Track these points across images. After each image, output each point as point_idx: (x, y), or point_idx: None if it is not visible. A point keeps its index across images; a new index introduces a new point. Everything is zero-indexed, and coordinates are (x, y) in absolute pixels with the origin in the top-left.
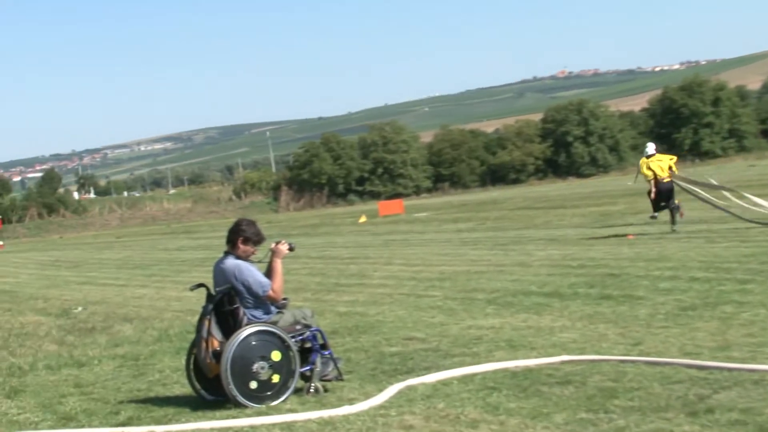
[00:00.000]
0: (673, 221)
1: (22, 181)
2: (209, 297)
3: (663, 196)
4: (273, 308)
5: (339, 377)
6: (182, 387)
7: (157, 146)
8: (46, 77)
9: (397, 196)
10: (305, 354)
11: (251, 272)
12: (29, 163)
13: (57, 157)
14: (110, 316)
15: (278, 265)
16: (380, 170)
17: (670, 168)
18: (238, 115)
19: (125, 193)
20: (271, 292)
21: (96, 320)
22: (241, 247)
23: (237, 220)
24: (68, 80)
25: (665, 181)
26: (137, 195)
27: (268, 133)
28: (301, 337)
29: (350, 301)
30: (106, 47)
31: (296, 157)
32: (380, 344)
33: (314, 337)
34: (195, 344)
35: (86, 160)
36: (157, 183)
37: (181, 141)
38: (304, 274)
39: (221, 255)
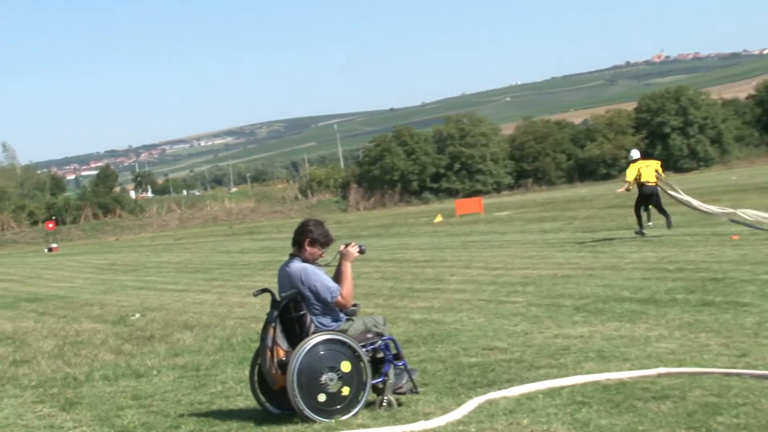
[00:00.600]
0: (667, 219)
1: (76, 180)
2: (274, 303)
3: (645, 199)
4: (342, 315)
5: (414, 390)
6: (246, 400)
7: (218, 141)
8: (101, 70)
9: (475, 193)
10: (377, 365)
11: (319, 276)
12: (84, 160)
13: (112, 153)
14: (169, 323)
15: (348, 268)
16: (457, 166)
17: (656, 171)
18: (304, 107)
19: (184, 192)
20: (339, 298)
21: (154, 328)
22: (308, 249)
23: (304, 221)
24: (124, 72)
25: (649, 185)
26: (197, 194)
27: (336, 126)
28: (372, 347)
29: (425, 308)
30: (162, 38)
31: (366, 152)
32: (458, 354)
33: (387, 347)
34: (259, 354)
35: (143, 156)
36: (218, 181)
37: (243, 135)
38: (375, 279)
39: (286, 258)
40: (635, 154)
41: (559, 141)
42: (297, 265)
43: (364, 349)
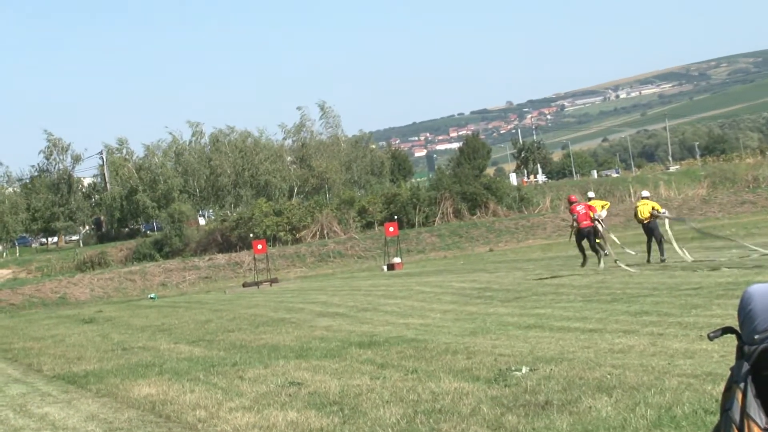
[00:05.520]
0: (661, 252)
1: (428, 157)
2: (742, 351)
3: (647, 233)
4: None
5: None
6: None
7: (647, 91)
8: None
9: None
10: None
11: None
12: (440, 127)
13: (483, 115)
14: (574, 382)
15: None
16: None
17: (653, 209)
18: None
19: (594, 174)
20: None
21: (552, 389)
22: None
23: None
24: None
25: (646, 221)
26: (615, 175)
27: None
28: None
29: None
30: None
31: None
32: None
33: None
34: None
35: (529, 118)
36: (648, 154)
37: (687, 80)
38: None
39: None
40: (644, 192)
41: None
42: None
43: None
